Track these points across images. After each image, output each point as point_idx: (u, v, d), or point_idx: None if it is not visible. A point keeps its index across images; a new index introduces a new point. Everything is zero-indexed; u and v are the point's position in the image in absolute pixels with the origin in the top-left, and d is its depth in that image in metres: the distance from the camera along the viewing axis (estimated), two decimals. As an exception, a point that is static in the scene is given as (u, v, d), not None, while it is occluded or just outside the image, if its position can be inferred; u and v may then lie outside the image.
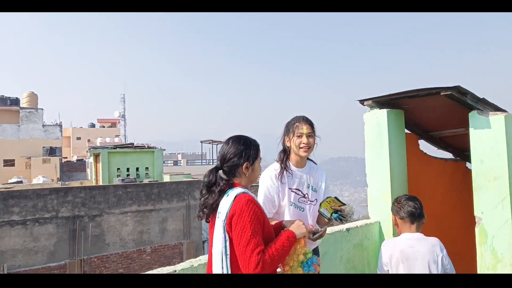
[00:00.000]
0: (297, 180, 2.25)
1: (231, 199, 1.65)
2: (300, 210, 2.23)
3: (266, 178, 2.22)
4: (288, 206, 2.20)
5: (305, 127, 2.19)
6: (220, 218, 1.65)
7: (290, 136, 2.22)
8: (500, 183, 2.93)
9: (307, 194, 2.26)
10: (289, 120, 2.29)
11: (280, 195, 2.20)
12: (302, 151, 2.20)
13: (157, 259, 13.85)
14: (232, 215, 1.61)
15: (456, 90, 2.91)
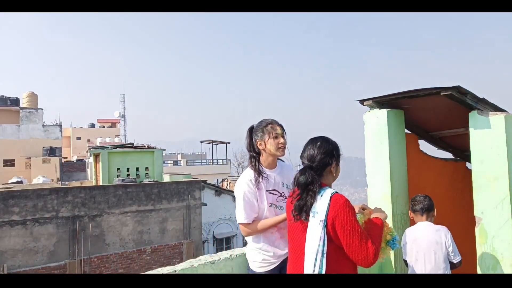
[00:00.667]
0: (272, 181, 2.30)
1: (327, 199, 1.73)
2: (280, 209, 2.28)
3: (243, 184, 2.25)
4: (268, 208, 2.25)
5: (279, 128, 2.27)
6: (318, 218, 1.71)
7: (265, 138, 2.24)
8: (500, 183, 2.93)
9: (284, 193, 2.31)
10: (258, 124, 2.32)
11: (258, 198, 2.24)
12: (281, 151, 2.26)
13: (157, 259, 13.85)
14: (334, 215, 1.69)
15: (456, 90, 2.91)
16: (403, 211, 3.49)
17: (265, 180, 2.27)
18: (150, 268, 12.47)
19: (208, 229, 16.92)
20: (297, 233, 1.84)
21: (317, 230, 1.70)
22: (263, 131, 2.26)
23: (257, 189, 2.24)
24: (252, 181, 2.24)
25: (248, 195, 2.23)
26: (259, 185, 2.25)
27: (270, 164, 2.32)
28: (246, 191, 2.23)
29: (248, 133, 2.33)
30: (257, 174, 2.25)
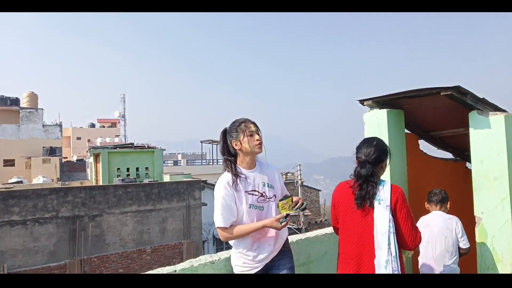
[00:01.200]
0: (251, 181, 2.21)
1: (388, 188, 2.12)
2: (260, 209, 2.21)
3: (221, 188, 2.18)
4: (247, 209, 2.17)
5: (253, 125, 2.21)
6: (383, 204, 2.09)
7: (240, 138, 2.18)
8: (500, 183, 2.93)
9: (265, 193, 2.24)
10: (231, 125, 2.26)
11: (237, 201, 2.17)
12: (258, 148, 2.20)
13: (157, 259, 13.85)
14: (395, 201, 2.09)
15: (456, 90, 2.91)
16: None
17: (243, 181, 2.19)
18: (150, 268, 12.48)
19: (208, 229, 16.92)
20: (357, 220, 2.16)
21: (385, 214, 2.07)
22: (237, 130, 2.20)
23: (235, 191, 2.16)
24: (230, 183, 2.16)
25: (226, 198, 2.15)
26: (237, 187, 2.17)
27: (249, 164, 2.25)
28: (224, 195, 2.15)
29: (222, 136, 2.27)
30: (234, 176, 2.18)
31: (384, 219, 2.07)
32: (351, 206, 2.18)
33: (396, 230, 2.08)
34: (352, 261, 2.15)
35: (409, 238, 2.08)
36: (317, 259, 2.76)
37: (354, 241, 2.15)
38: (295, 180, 27.26)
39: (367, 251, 2.10)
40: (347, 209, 2.21)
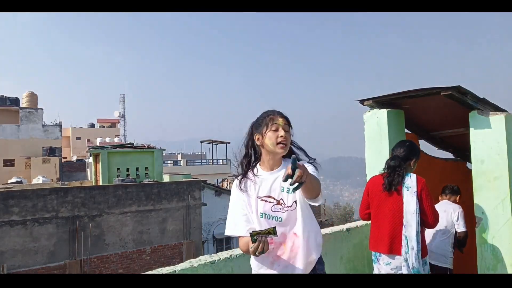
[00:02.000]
0: (267, 185, 1.83)
1: (414, 179, 2.66)
2: (275, 220, 1.80)
3: (232, 193, 1.91)
4: (258, 219, 1.80)
5: (281, 119, 1.82)
6: (411, 191, 2.63)
7: (262, 131, 1.82)
8: (500, 183, 2.93)
9: (282, 200, 1.81)
10: (260, 116, 1.92)
11: (248, 208, 1.83)
12: (280, 147, 1.78)
13: (157, 259, 13.84)
14: (421, 189, 2.62)
15: (456, 90, 2.91)
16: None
17: (256, 184, 1.84)
18: (150, 268, 12.47)
19: (208, 229, 16.92)
20: (390, 204, 2.69)
21: (413, 198, 2.60)
22: (261, 123, 1.85)
23: (247, 196, 1.83)
24: (238, 185, 1.87)
25: (237, 202, 1.85)
26: (248, 191, 1.84)
27: (270, 164, 1.86)
28: (235, 198, 1.87)
29: (250, 129, 1.93)
30: (243, 175, 1.88)
31: (412, 202, 2.61)
32: (382, 192, 2.72)
33: (420, 211, 2.61)
34: (387, 237, 2.67)
35: (431, 218, 2.62)
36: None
37: (388, 221, 2.67)
38: (295, 180, 27.15)
39: (399, 228, 2.63)
40: (379, 195, 2.75)
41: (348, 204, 40.13)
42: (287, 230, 1.80)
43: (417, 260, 2.55)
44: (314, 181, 1.66)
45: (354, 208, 38.62)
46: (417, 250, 2.56)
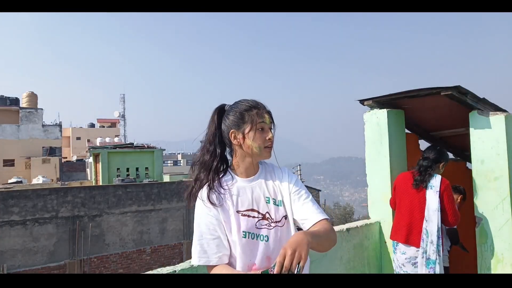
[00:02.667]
0: (247, 196, 1.45)
1: (439, 179, 2.90)
2: (262, 239, 1.42)
3: (198, 210, 1.44)
4: (240, 239, 1.39)
5: (268, 116, 1.47)
6: (434, 190, 2.88)
7: (244, 129, 1.43)
8: (500, 183, 2.93)
9: (269, 213, 1.45)
10: (234, 106, 1.48)
11: (221, 227, 1.40)
12: (267, 152, 1.47)
13: (157, 259, 13.85)
14: (444, 189, 2.86)
15: (456, 90, 2.91)
16: (403, 211, 3.49)
17: (230, 196, 1.43)
18: (150, 268, 12.47)
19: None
20: (411, 198, 2.97)
21: (435, 197, 2.85)
22: (243, 117, 1.44)
23: (221, 211, 1.41)
24: (209, 197, 1.41)
25: (209, 224, 1.40)
26: (224, 204, 1.42)
27: (248, 169, 1.49)
28: (204, 220, 1.41)
29: (216, 117, 1.48)
30: (209, 185, 1.43)
31: (434, 200, 2.85)
32: (408, 188, 3.01)
33: (441, 209, 2.84)
34: (404, 228, 2.95)
35: (451, 217, 2.84)
36: (317, 259, 2.76)
37: (408, 214, 2.95)
38: (295, 180, 27.22)
39: (417, 222, 2.90)
40: (404, 190, 3.04)
41: (348, 204, 40.16)
42: (273, 252, 1.42)
43: (434, 253, 2.80)
44: (323, 238, 1.34)
45: (354, 208, 38.66)
46: (437, 245, 2.80)
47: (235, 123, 1.45)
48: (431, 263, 2.82)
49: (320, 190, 34.98)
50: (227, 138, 1.48)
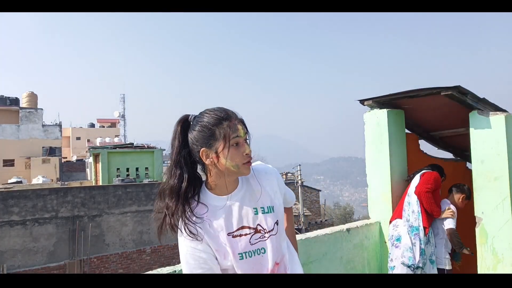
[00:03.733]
0: (235, 214, 1.31)
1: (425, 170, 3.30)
2: (260, 254, 1.32)
3: (183, 245, 1.28)
4: (237, 262, 1.28)
5: (241, 127, 1.28)
6: (418, 176, 3.25)
7: (216, 147, 1.25)
8: (500, 183, 2.93)
9: (260, 225, 1.33)
10: (200, 119, 1.29)
11: (217, 255, 1.28)
12: (247, 167, 1.29)
13: (157, 260, 13.85)
14: (423, 174, 3.25)
15: (456, 90, 2.91)
16: (403, 211, 3.49)
17: (215, 220, 1.29)
18: (150, 268, 12.47)
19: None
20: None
21: (417, 180, 3.23)
22: (212, 133, 1.25)
23: (212, 239, 1.26)
24: (189, 233, 1.24)
25: (193, 261, 1.28)
26: (210, 233, 1.27)
27: (227, 186, 1.32)
28: (187, 255, 1.28)
29: (180, 131, 1.29)
30: (185, 216, 1.25)
31: (415, 182, 3.22)
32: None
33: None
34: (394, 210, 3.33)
35: (425, 203, 3.11)
36: (317, 259, 2.76)
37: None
38: (295, 180, 27.28)
39: (402, 201, 3.26)
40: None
41: (348, 204, 40.17)
42: (271, 262, 1.33)
43: (416, 220, 3.03)
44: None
45: (354, 208, 38.67)
46: (418, 213, 3.04)
47: (204, 140, 1.26)
48: (415, 229, 3.01)
49: (320, 190, 34.98)
50: (197, 157, 1.28)
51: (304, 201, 25.49)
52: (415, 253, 2.96)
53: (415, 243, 2.98)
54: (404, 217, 3.11)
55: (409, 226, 3.04)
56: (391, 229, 3.22)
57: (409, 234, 3.01)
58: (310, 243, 2.74)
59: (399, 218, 3.16)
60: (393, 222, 3.23)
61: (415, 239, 2.99)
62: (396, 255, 3.08)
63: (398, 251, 3.06)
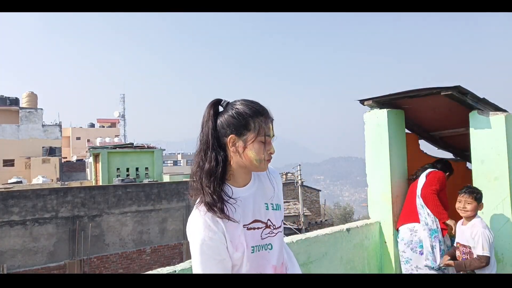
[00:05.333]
0: (249, 207, 1.31)
1: (429, 170, 3.29)
2: (267, 250, 1.33)
3: (200, 230, 1.23)
4: (248, 255, 1.27)
5: (272, 128, 1.32)
6: (424, 175, 3.26)
7: (246, 136, 1.26)
8: (500, 183, 2.93)
9: (270, 220, 1.35)
10: (239, 105, 1.29)
11: (229, 247, 1.25)
12: (267, 166, 1.33)
13: (157, 259, 13.84)
14: (428, 174, 3.27)
15: (456, 90, 2.91)
16: (403, 211, 3.49)
17: (237, 208, 1.27)
18: (150, 268, 12.47)
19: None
20: (410, 190, 3.35)
21: (423, 179, 3.23)
22: (247, 123, 1.26)
23: (226, 230, 1.24)
24: (214, 218, 1.23)
25: (213, 248, 1.23)
26: (230, 222, 1.24)
27: (244, 178, 1.34)
28: (208, 242, 1.22)
29: (212, 115, 1.29)
30: (217, 201, 1.23)
31: (421, 181, 3.25)
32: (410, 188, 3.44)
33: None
34: (402, 213, 3.36)
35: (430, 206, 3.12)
36: (317, 259, 2.76)
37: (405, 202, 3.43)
38: (295, 180, 27.28)
39: (413, 203, 3.26)
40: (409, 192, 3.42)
41: (348, 204, 40.17)
42: (276, 258, 1.36)
43: (434, 223, 3.03)
44: None
45: (354, 208, 38.66)
46: (434, 216, 3.05)
47: (235, 127, 1.26)
48: (434, 232, 3.02)
49: (320, 190, 34.96)
50: (222, 142, 1.27)
51: (304, 201, 25.48)
52: (436, 256, 2.98)
53: (435, 246, 3.00)
54: (422, 221, 3.08)
55: (428, 230, 3.03)
56: (407, 233, 3.15)
57: (430, 238, 3.02)
58: (310, 243, 2.74)
59: (416, 223, 3.11)
60: (408, 226, 3.17)
61: (435, 241, 3.00)
62: (420, 260, 3.06)
63: (421, 258, 3.06)
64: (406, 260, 3.15)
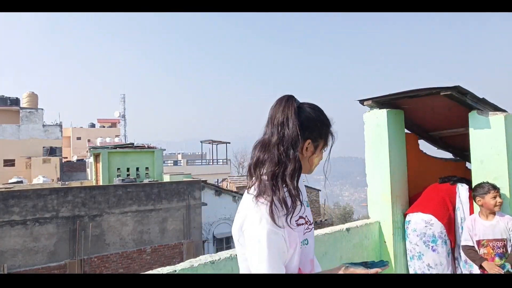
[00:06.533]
0: (299, 205, 1.33)
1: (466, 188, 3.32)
2: (305, 244, 1.37)
3: (268, 220, 1.21)
4: (297, 251, 1.30)
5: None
6: (464, 187, 3.31)
7: (318, 144, 1.32)
8: (500, 183, 2.93)
9: (307, 217, 1.40)
10: (318, 112, 1.32)
11: (288, 240, 1.26)
12: (312, 170, 1.42)
13: (157, 259, 13.85)
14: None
15: (456, 90, 2.91)
16: (403, 211, 3.49)
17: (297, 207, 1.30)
18: (150, 268, 12.47)
19: (208, 229, 16.92)
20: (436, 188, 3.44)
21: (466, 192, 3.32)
22: (324, 131, 1.32)
23: (285, 229, 1.23)
24: (282, 215, 1.22)
25: (279, 245, 1.23)
26: (291, 218, 1.24)
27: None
28: (273, 238, 1.21)
29: (296, 112, 1.25)
30: (294, 196, 1.25)
31: (464, 195, 3.32)
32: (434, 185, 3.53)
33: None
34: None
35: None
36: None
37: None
38: (295, 180, 27.16)
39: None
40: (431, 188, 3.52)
41: (348, 204, 40.13)
42: (312, 253, 1.42)
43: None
44: None
45: (354, 208, 38.64)
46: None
47: (313, 133, 1.28)
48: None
49: (320, 190, 34.91)
50: (296, 144, 1.23)
51: (304, 201, 25.40)
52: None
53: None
54: (458, 233, 3.13)
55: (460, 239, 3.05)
56: (421, 224, 3.13)
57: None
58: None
59: (433, 216, 3.12)
60: (424, 217, 3.16)
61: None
62: (433, 258, 3.04)
63: (433, 254, 3.04)
64: (418, 255, 3.09)
